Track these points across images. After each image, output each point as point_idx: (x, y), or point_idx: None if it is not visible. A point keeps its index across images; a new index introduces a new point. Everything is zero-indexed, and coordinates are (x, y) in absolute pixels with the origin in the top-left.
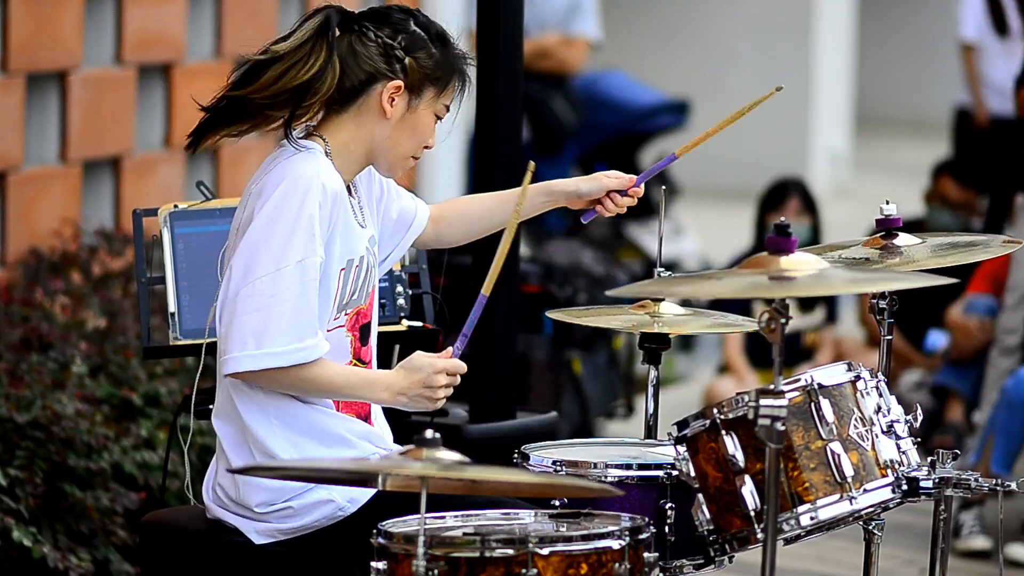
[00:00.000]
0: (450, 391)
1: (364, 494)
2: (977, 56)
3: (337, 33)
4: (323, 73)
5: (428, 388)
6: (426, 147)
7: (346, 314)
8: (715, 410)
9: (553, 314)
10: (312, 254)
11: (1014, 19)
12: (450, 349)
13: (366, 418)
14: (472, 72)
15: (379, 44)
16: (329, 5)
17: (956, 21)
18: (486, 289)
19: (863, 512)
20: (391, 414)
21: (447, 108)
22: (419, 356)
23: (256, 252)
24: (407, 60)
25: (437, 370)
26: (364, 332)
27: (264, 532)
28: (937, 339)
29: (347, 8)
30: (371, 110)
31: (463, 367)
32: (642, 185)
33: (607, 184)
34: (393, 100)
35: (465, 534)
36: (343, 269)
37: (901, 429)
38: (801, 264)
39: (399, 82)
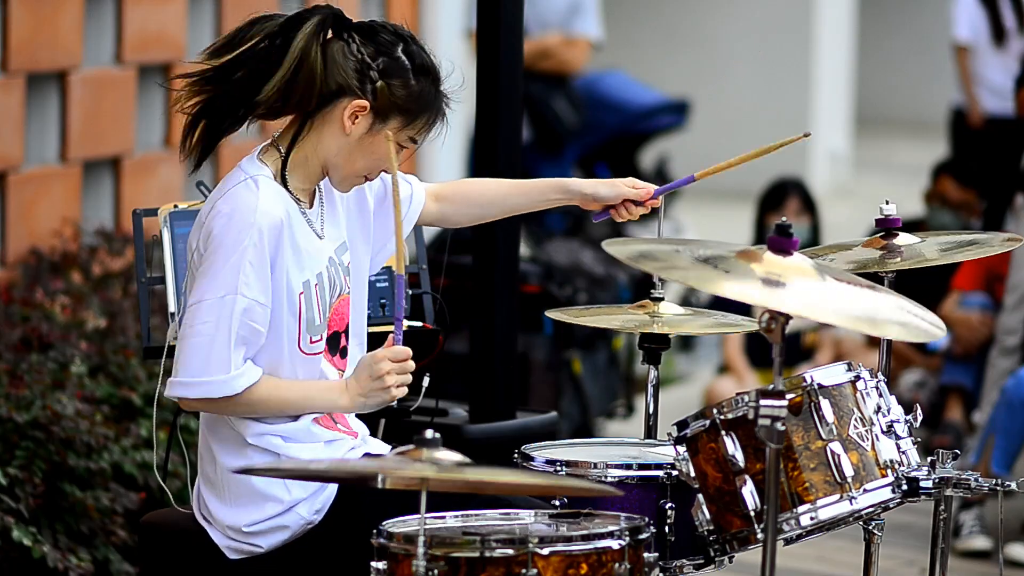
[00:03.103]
0: (404, 378)
1: (327, 503)
2: (972, 57)
3: (329, 35)
4: (304, 70)
5: (377, 380)
6: (385, 171)
7: (322, 337)
8: (715, 410)
9: (553, 314)
10: (233, 291)
11: (1009, 19)
12: (391, 337)
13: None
14: (449, 112)
15: (358, 60)
16: (328, 6)
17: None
18: (399, 268)
19: (863, 512)
20: (391, 413)
21: (413, 141)
22: (369, 358)
23: (191, 284)
24: (379, 83)
25: (377, 359)
26: (333, 342)
27: (236, 550)
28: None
29: (345, 14)
30: (333, 122)
31: (406, 351)
32: (660, 197)
33: (624, 193)
34: (356, 118)
35: (465, 534)
36: (301, 293)
37: (901, 429)
38: (795, 271)
39: (365, 102)
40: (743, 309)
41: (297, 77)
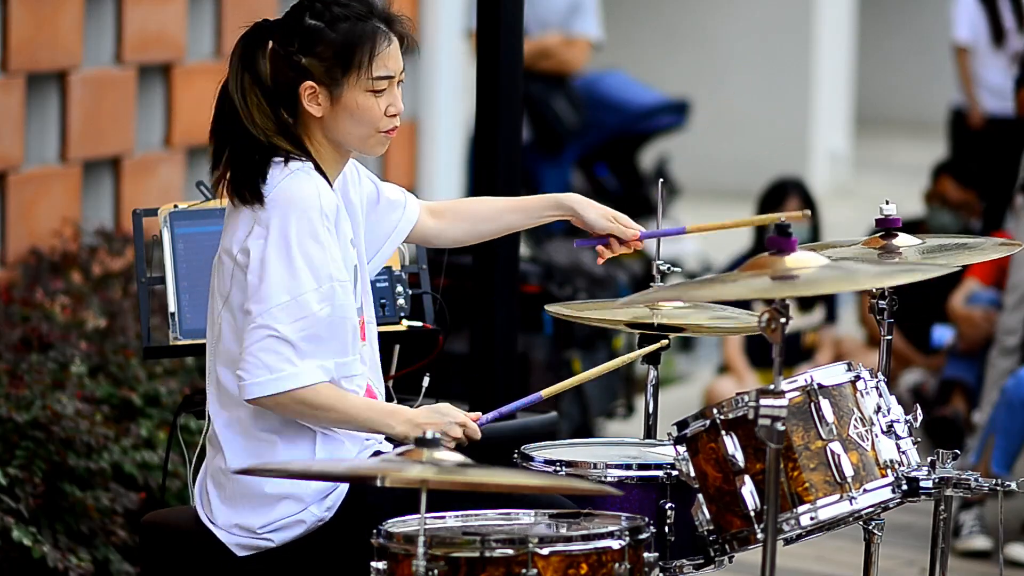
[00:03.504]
0: (453, 444)
1: (339, 499)
2: (972, 57)
3: (264, 49)
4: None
5: (444, 434)
6: (392, 115)
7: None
8: (715, 410)
9: (552, 307)
10: (328, 279)
11: (1009, 19)
12: (478, 414)
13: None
14: (397, 17)
15: (279, 56)
16: (247, 29)
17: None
18: (547, 393)
19: (863, 512)
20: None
21: (383, 77)
22: (448, 406)
23: (269, 282)
24: (304, 60)
25: (459, 422)
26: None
27: (245, 547)
28: (943, 334)
29: (260, 23)
30: (308, 116)
31: (478, 434)
32: (644, 241)
33: (611, 229)
34: (316, 99)
35: (465, 534)
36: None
37: (901, 429)
38: (804, 263)
39: (309, 83)
40: (740, 303)
41: (254, 105)
